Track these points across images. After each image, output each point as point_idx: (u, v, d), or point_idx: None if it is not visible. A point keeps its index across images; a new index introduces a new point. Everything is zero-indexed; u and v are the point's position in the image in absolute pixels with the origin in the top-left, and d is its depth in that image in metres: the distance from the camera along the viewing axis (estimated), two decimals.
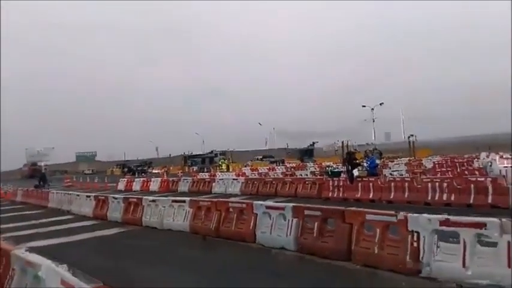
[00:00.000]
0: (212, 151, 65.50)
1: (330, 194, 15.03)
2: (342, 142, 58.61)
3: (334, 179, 15.88)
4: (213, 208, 9.33)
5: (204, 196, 16.92)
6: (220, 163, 45.81)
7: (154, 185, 24.16)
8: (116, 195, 12.59)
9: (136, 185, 25.56)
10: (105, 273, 6.16)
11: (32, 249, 4.83)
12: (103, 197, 13.01)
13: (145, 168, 67.55)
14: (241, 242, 8.19)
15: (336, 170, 22.12)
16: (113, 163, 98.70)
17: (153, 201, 10.89)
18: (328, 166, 32.08)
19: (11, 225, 12.54)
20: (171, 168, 63.96)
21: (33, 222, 13.10)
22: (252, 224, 8.23)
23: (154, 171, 64.29)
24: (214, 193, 19.92)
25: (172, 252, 8.01)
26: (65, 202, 15.55)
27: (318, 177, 19.58)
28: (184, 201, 10.07)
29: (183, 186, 22.34)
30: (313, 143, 62.86)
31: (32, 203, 19.27)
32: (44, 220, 13.42)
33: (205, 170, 49.99)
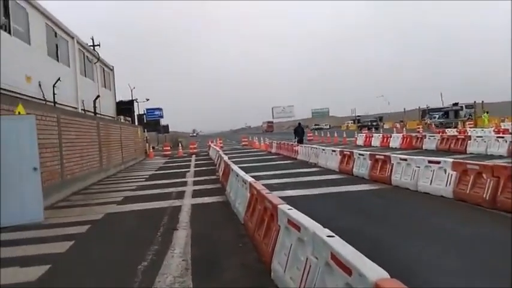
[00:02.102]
0: (457, 103, 56.84)
1: None
2: None
3: None
4: (487, 173, 7.36)
5: (458, 156, 14.39)
6: (483, 117, 38.27)
7: (395, 141, 22.68)
8: (362, 151, 12.09)
9: (376, 141, 24.79)
10: (357, 238, 5.64)
11: (283, 199, 4.79)
12: (348, 152, 12.80)
13: (377, 123, 66.10)
14: None
15: None
16: (345, 118, 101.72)
17: (404, 159, 9.72)
18: None
19: (268, 173, 14.17)
20: (407, 123, 59.99)
21: (286, 171, 14.39)
22: None
23: (385, 126, 62.10)
24: (470, 153, 16.77)
25: (432, 221, 6.71)
26: (311, 155, 16.43)
27: None
28: (445, 163, 8.44)
29: (429, 143, 19.92)
30: None
31: (284, 154, 21.59)
32: (294, 170, 14.54)
33: (452, 125, 44.01)
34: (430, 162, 8.88)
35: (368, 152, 11.61)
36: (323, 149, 15.32)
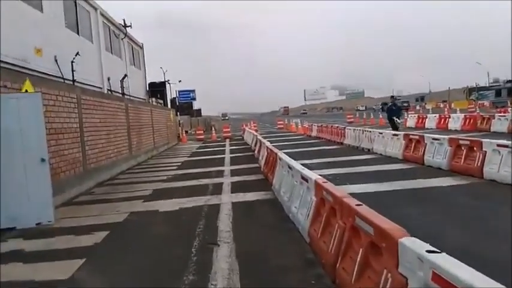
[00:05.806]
0: (510, 80, 51.98)
1: None
2: None
3: None
4: None
5: None
6: None
7: (455, 122, 19.98)
8: (437, 136, 9.84)
9: (431, 122, 22.10)
10: (496, 272, 3.65)
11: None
12: (417, 137, 10.57)
13: (408, 104, 60.88)
14: None
15: None
16: (382, 99, 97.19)
17: (504, 146, 7.46)
18: None
19: (315, 160, 12.21)
20: (452, 102, 55.70)
21: (336, 159, 12.38)
22: None
23: (427, 107, 57.80)
24: None
25: None
26: (363, 139, 14.26)
27: None
28: None
29: (499, 125, 17.18)
30: None
31: (326, 138, 19.48)
32: (345, 158, 12.51)
33: (507, 104, 39.96)
34: None
35: (447, 136, 9.36)
36: (380, 132, 13.10)
